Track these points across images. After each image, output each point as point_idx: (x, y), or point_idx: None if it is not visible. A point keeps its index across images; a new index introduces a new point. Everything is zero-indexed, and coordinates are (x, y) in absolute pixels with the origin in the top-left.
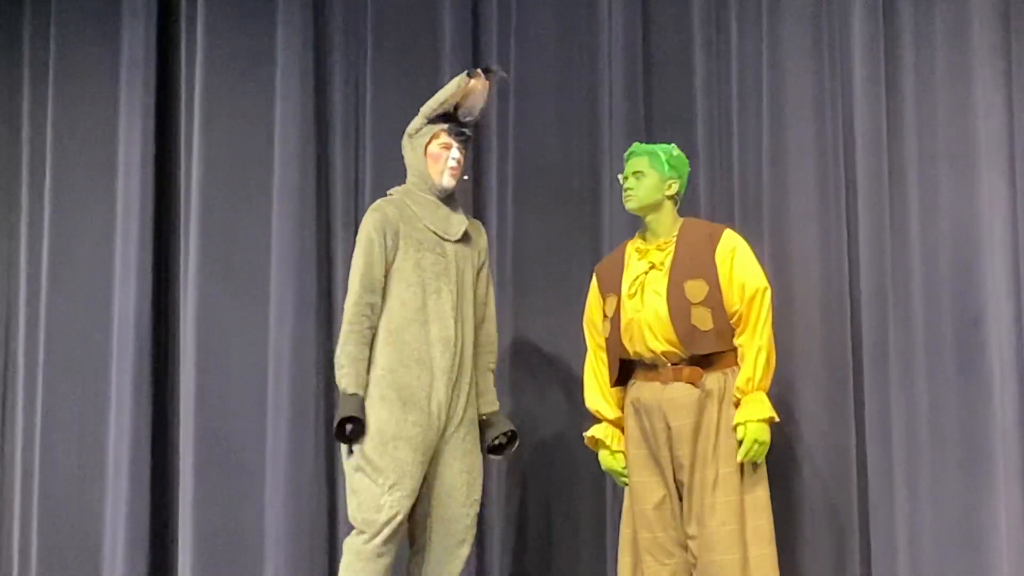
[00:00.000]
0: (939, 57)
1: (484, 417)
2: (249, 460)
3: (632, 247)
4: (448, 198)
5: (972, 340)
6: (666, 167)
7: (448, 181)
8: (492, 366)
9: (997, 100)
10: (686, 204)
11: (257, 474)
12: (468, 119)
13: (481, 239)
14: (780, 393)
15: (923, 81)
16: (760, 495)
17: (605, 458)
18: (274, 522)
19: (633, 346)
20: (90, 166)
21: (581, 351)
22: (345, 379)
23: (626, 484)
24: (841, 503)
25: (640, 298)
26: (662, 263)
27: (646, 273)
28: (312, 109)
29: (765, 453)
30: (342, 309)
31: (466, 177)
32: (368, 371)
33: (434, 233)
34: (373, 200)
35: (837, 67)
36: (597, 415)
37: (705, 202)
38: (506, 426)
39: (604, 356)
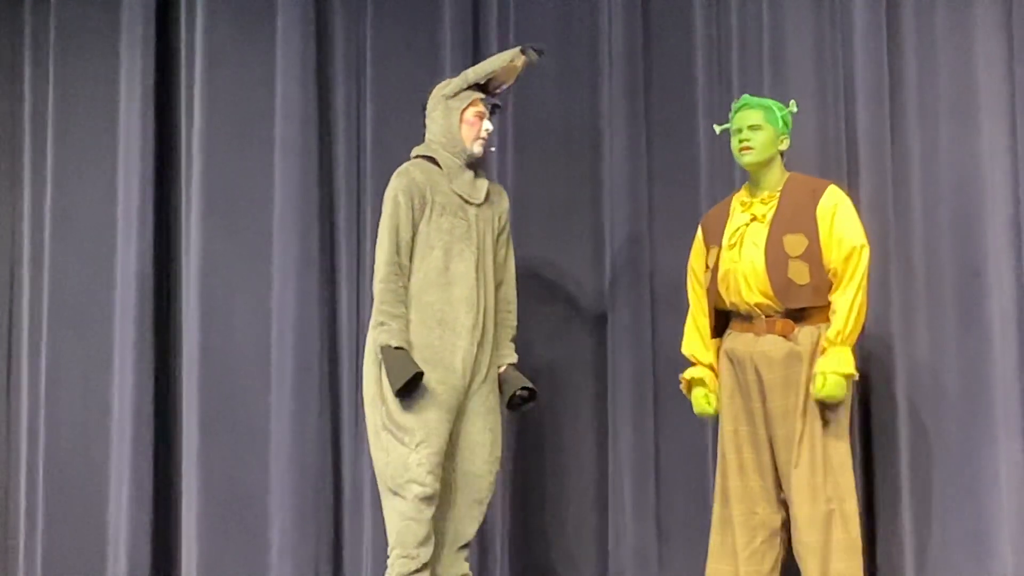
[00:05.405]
0: (939, 8)
1: (502, 369)
2: (253, 417)
3: (737, 199)
4: (473, 163)
5: (973, 291)
6: (780, 123)
7: (479, 149)
8: (512, 328)
9: (998, 51)
10: (687, 160)
11: (261, 431)
12: (498, 92)
13: (503, 203)
14: None
15: (924, 33)
16: (842, 450)
17: (698, 399)
18: (278, 479)
19: (729, 296)
20: (92, 122)
21: (584, 308)
22: (386, 334)
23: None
24: None
25: (738, 249)
26: (764, 216)
27: (747, 225)
28: (313, 64)
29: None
30: (345, 265)
31: (492, 148)
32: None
33: (459, 196)
34: (375, 155)
35: (838, 19)
36: (692, 359)
37: (706, 159)
38: (523, 382)
39: (704, 307)
